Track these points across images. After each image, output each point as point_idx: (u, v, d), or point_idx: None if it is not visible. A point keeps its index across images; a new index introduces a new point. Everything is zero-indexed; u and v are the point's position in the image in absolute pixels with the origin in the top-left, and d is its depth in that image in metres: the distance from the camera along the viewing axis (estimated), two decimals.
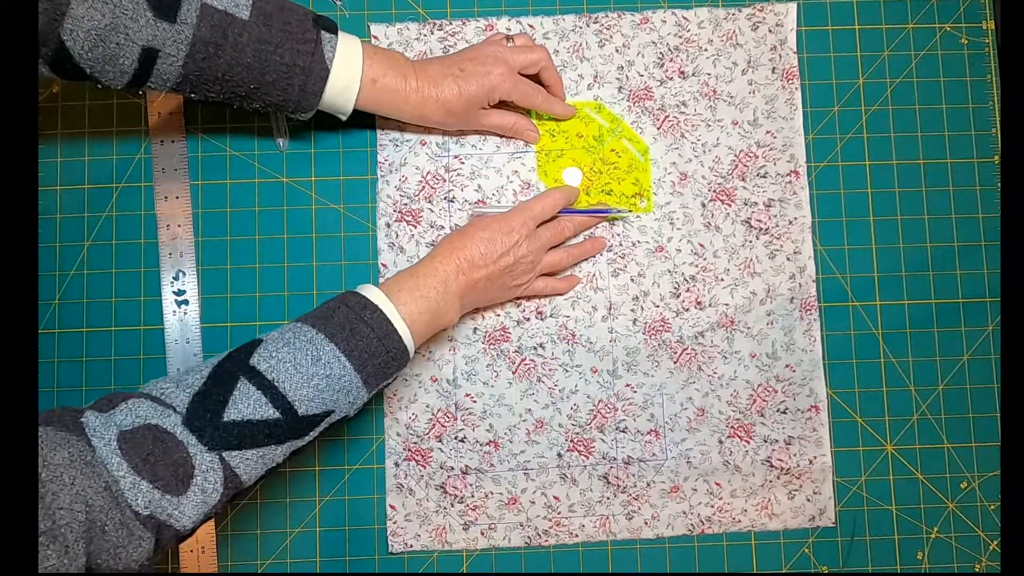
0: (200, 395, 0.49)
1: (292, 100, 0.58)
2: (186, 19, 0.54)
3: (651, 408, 0.66)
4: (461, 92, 0.62)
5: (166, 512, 0.46)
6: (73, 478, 0.42)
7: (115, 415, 0.47)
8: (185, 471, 0.47)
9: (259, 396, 0.50)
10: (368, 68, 0.60)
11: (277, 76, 0.57)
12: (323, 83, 0.58)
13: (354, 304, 0.54)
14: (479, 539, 0.65)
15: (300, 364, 0.51)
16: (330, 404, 0.52)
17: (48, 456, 0.42)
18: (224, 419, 0.48)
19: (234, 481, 0.49)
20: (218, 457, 0.48)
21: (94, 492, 0.43)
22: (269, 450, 0.50)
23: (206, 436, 0.48)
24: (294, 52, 0.56)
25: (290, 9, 0.57)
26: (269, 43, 0.56)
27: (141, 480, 0.45)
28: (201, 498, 0.47)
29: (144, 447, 0.46)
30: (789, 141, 0.68)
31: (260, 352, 0.51)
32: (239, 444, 0.49)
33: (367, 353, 0.53)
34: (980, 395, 0.68)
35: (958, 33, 0.71)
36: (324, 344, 0.52)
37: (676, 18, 0.69)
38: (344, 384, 0.52)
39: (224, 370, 0.50)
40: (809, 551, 0.66)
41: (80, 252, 0.67)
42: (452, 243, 0.60)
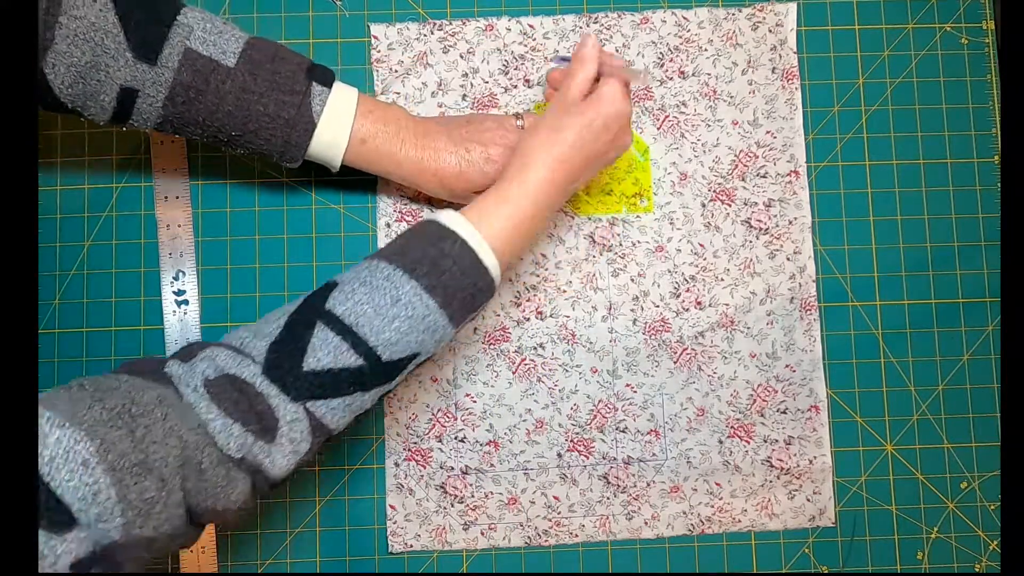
0: (277, 344, 0.47)
1: (276, 150, 0.57)
2: (167, 62, 0.53)
3: (651, 408, 0.66)
4: (461, 173, 0.59)
5: (259, 456, 0.46)
6: (165, 414, 0.42)
7: (196, 364, 0.46)
8: (271, 421, 0.46)
9: (339, 342, 0.48)
10: (359, 127, 0.58)
11: (260, 126, 0.55)
12: (308, 137, 0.56)
13: (432, 234, 0.51)
14: (479, 539, 0.65)
15: (380, 307, 0.48)
16: (415, 346, 0.50)
17: (136, 397, 0.42)
18: (304, 369, 0.47)
19: (322, 430, 0.48)
20: (303, 407, 0.47)
21: (187, 429, 0.42)
22: (356, 398, 0.49)
23: (288, 387, 0.47)
24: (279, 103, 0.55)
25: (283, 59, 0.56)
26: (253, 92, 0.55)
27: (233, 423, 0.44)
28: (290, 448, 0.47)
29: (230, 395, 0.45)
30: (789, 141, 0.68)
31: (335, 295, 0.49)
32: (323, 394, 0.47)
33: (451, 287, 0.50)
34: (980, 395, 0.68)
35: (958, 33, 0.71)
36: (404, 282, 0.49)
37: (676, 18, 0.69)
38: (428, 323, 0.49)
39: (300, 316, 0.49)
40: (809, 551, 0.66)
41: (80, 252, 0.67)
42: (550, 150, 0.53)
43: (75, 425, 0.38)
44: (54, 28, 0.51)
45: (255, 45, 0.55)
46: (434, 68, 0.68)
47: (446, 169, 0.59)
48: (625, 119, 0.55)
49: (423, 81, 0.68)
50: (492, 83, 0.68)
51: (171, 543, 0.43)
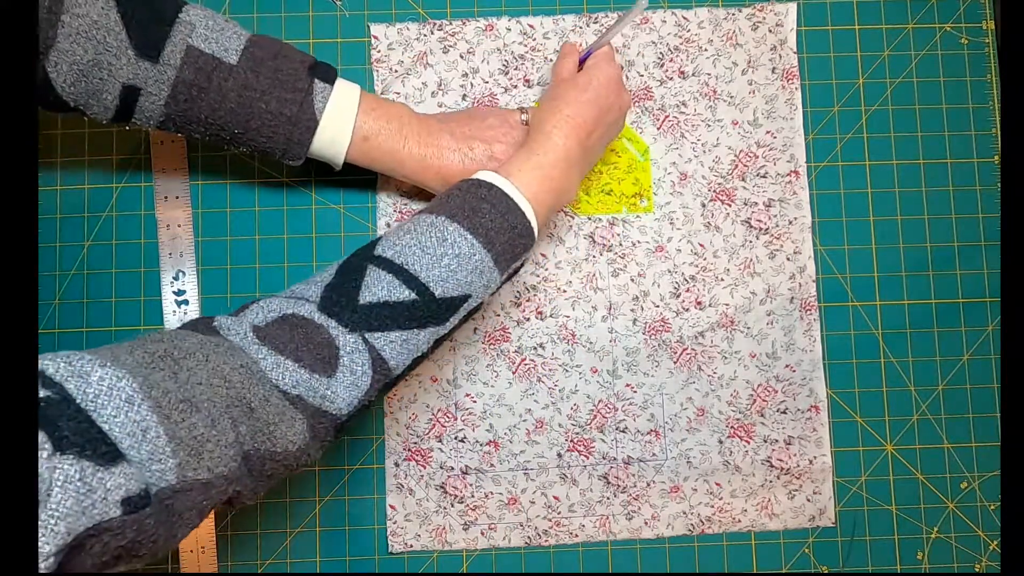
0: (331, 286, 0.49)
1: (279, 148, 0.57)
2: (169, 60, 0.53)
3: (651, 408, 0.66)
4: (465, 171, 0.59)
5: (318, 394, 0.45)
6: (207, 356, 0.42)
7: (246, 315, 0.47)
8: (330, 352, 0.46)
9: (391, 279, 0.49)
10: (362, 124, 0.58)
11: (262, 123, 0.56)
12: (310, 134, 0.57)
13: (465, 187, 0.53)
14: (479, 539, 0.65)
15: (426, 247, 0.50)
16: (465, 287, 0.51)
17: (179, 344, 0.42)
18: (360, 302, 0.48)
19: (382, 366, 0.48)
20: (361, 338, 0.47)
21: (230, 369, 0.42)
22: (412, 334, 0.49)
23: (344, 319, 0.47)
24: (280, 100, 0.55)
25: (286, 56, 0.56)
26: (255, 90, 0.55)
27: (284, 359, 0.45)
28: (351, 379, 0.47)
29: (283, 335, 0.46)
30: (789, 141, 0.68)
31: (382, 243, 0.51)
32: (380, 326, 0.48)
33: (492, 230, 0.51)
34: (980, 395, 0.68)
35: (958, 33, 0.71)
36: (447, 224, 0.51)
37: (676, 18, 0.69)
38: (476, 263, 0.51)
39: (350, 264, 0.50)
40: (809, 551, 0.66)
41: (80, 252, 0.67)
42: (559, 111, 0.57)
43: (117, 365, 0.37)
44: (56, 26, 0.51)
45: (257, 42, 0.55)
46: (434, 68, 0.68)
47: (449, 167, 0.59)
48: (615, 80, 0.59)
49: (423, 81, 0.68)
50: (492, 83, 0.68)
51: (229, 488, 0.42)
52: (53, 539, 0.31)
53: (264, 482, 0.45)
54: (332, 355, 0.46)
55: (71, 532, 0.32)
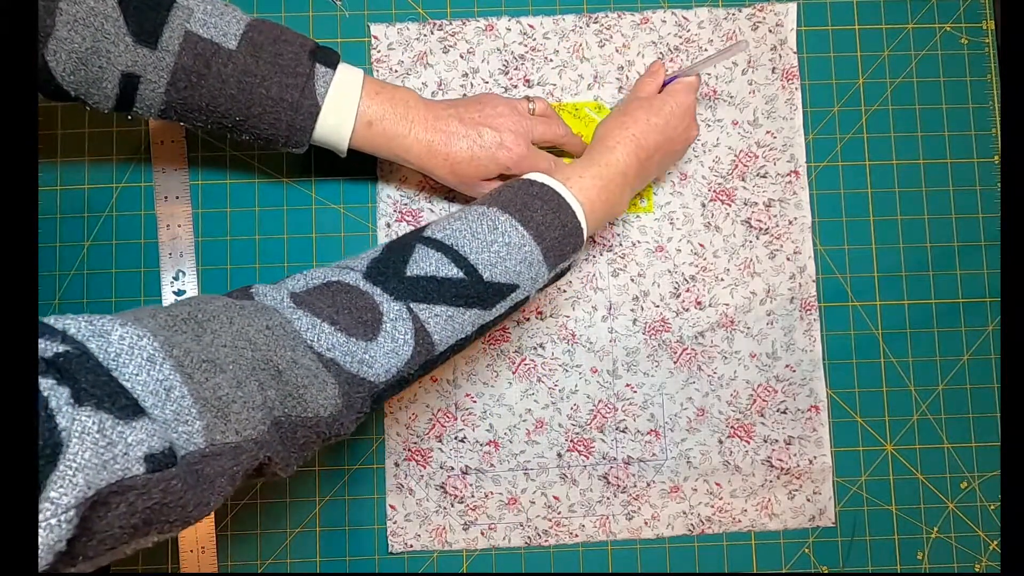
0: (378, 260, 0.48)
1: (281, 135, 0.56)
2: (168, 46, 0.52)
3: (651, 408, 0.66)
4: (473, 158, 0.59)
5: (356, 358, 0.44)
6: (231, 318, 0.41)
7: (286, 282, 0.47)
8: (373, 317, 0.45)
9: (440, 256, 0.49)
10: (366, 109, 0.57)
11: (263, 109, 0.55)
12: (312, 120, 0.56)
13: (518, 184, 0.54)
14: (479, 539, 0.65)
15: (477, 232, 0.50)
16: (513, 276, 0.50)
17: (203, 306, 0.41)
18: (408, 274, 0.48)
19: (425, 339, 0.47)
20: (406, 307, 0.47)
21: (255, 331, 0.41)
22: (457, 312, 0.48)
23: (391, 287, 0.47)
24: (281, 86, 0.54)
25: (286, 40, 0.55)
26: (255, 75, 0.54)
27: (321, 322, 0.44)
28: (391, 347, 0.46)
29: (323, 299, 0.45)
30: (789, 141, 0.68)
31: (432, 227, 0.51)
32: (426, 297, 0.47)
33: (543, 225, 0.51)
34: (980, 395, 0.68)
35: (958, 33, 0.71)
36: (498, 214, 0.51)
37: (676, 18, 0.69)
38: (525, 254, 0.51)
39: (397, 241, 0.50)
40: (809, 551, 0.66)
41: (80, 252, 0.67)
42: (627, 128, 0.58)
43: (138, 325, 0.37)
44: (54, 14, 0.50)
45: (257, 27, 0.55)
46: (434, 68, 0.68)
47: (457, 154, 0.59)
48: (689, 111, 0.61)
49: (423, 81, 0.68)
50: (492, 83, 0.68)
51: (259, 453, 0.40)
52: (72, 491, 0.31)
53: (296, 452, 0.44)
54: (375, 319, 0.45)
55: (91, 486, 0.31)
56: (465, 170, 0.59)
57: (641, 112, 0.59)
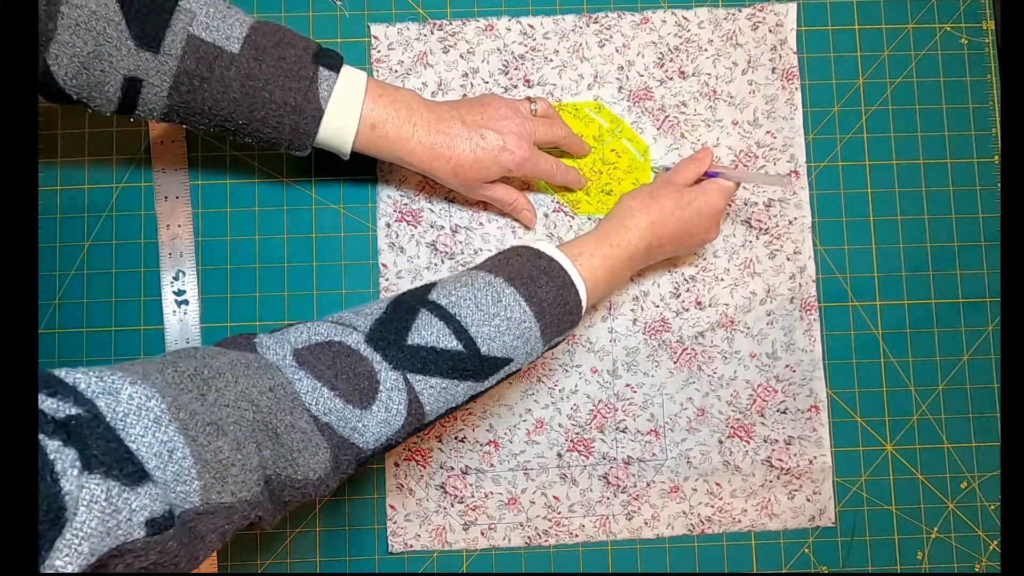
0: (381, 321, 0.48)
1: (284, 138, 0.56)
2: (170, 50, 0.52)
3: (651, 408, 0.66)
4: (476, 161, 0.59)
5: (349, 425, 0.45)
6: (236, 377, 0.42)
7: (288, 335, 0.46)
8: (369, 385, 0.46)
9: (442, 326, 0.49)
10: (369, 112, 0.57)
11: (266, 113, 0.55)
12: (316, 124, 0.56)
13: (528, 255, 0.54)
14: (479, 539, 0.65)
15: (481, 303, 0.50)
16: (510, 350, 0.51)
17: (210, 362, 0.42)
18: (408, 342, 0.48)
19: (418, 409, 0.48)
20: (403, 377, 0.47)
21: (259, 392, 0.42)
22: (451, 384, 0.49)
23: (390, 355, 0.47)
24: (285, 90, 0.54)
25: (289, 43, 0.55)
26: (258, 79, 0.54)
27: (320, 386, 0.44)
28: (384, 416, 0.46)
29: (323, 360, 0.45)
30: (789, 141, 0.68)
31: (437, 290, 0.51)
32: (423, 369, 0.48)
33: (546, 302, 0.52)
34: (980, 395, 0.68)
35: (958, 33, 0.71)
36: (504, 287, 0.51)
37: (676, 18, 0.69)
38: (524, 330, 0.51)
39: (403, 302, 0.50)
40: (809, 551, 0.66)
41: (80, 252, 0.67)
42: (649, 214, 0.58)
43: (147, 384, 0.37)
44: (56, 18, 0.50)
45: (260, 29, 0.54)
46: (434, 68, 0.68)
47: (460, 156, 0.59)
48: (716, 215, 0.61)
49: (423, 81, 0.68)
50: (492, 83, 0.68)
51: (251, 513, 0.41)
52: (76, 559, 0.31)
53: (281, 508, 0.45)
54: (371, 387, 0.46)
55: (94, 553, 0.32)
56: (467, 172, 0.59)
57: (668, 200, 0.59)
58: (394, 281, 0.67)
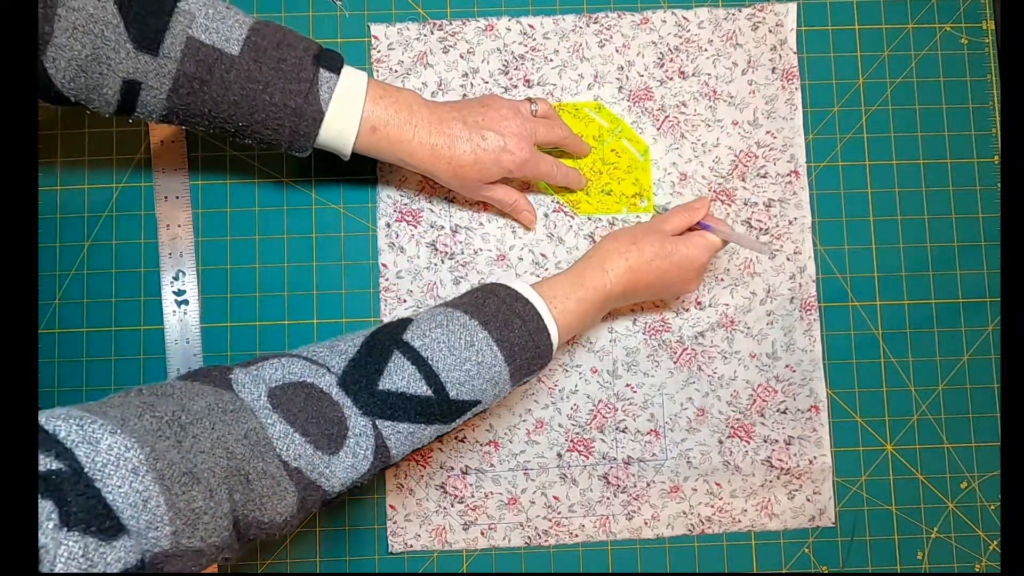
0: (355, 362, 0.49)
1: (284, 140, 0.56)
2: (169, 53, 0.52)
3: (651, 408, 0.66)
4: (477, 162, 0.59)
5: (316, 470, 0.45)
6: (213, 424, 0.42)
7: (263, 371, 0.47)
8: (339, 431, 0.46)
9: (413, 371, 0.49)
10: (370, 114, 0.56)
11: (267, 115, 0.54)
12: (316, 126, 0.55)
13: (505, 296, 0.54)
14: (479, 539, 0.65)
15: (454, 347, 0.50)
16: (479, 393, 0.51)
17: (188, 406, 0.42)
18: (379, 387, 0.48)
19: (384, 453, 0.48)
20: (371, 424, 0.48)
21: (234, 440, 0.42)
22: (419, 428, 0.50)
23: (361, 400, 0.47)
24: (285, 92, 0.54)
25: (289, 45, 0.54)
26: (258, 82, 0.53)
27: (293, 432, 0.45)
28: (351, 462, 0.47)
29: (296, 402, 0.46)
30: (789, 141, 0.68)
31: (413, 330, 0.51)
32: (392, 415, 0.48)
33: (517, 346, 0.52)
34: (980, 395, 0.68)
35: (958, 33, 0.71)
36: (478, 330, 0.51)
37: (676, 18, 0.69)
38: (494, 374, 0.52)
39: (377, 341, 0.50)
40: (809, 551, 0.66)
41: (80, 252, 0.67)
42: (628, 259, 0.58)
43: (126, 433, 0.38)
44: (52, 21, 0.50)
45: (260, 31, 0.54)
46: (434, 68, 0.68)
47: (461, 157, 0.59)
48: (698, 270, 0.60)
49: (423, 81, 0.68)
50: (492, 83, 0.68)
51: (218, 555, 0.42)
52: None
53: (244, 544, 0.45)
54: (340, 434, 0.46)
55: None
56: (468, 173, 0.59)
57: (650, 248, 0.59)
58: (394, 281, 0.67)
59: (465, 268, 0.67)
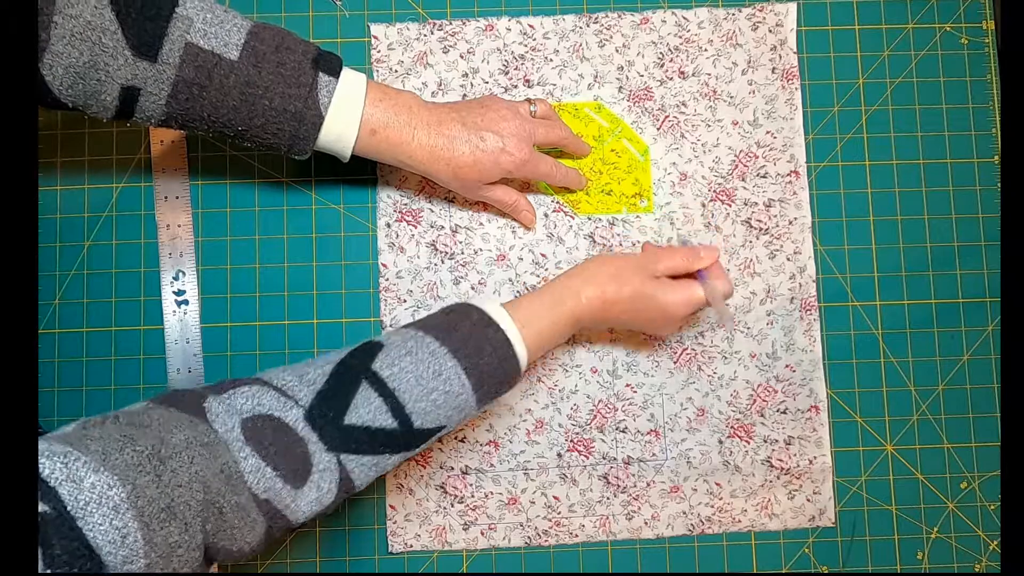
0: (322, 394, 0.49)
1: (284, 143, 0.56)
2: (168, 59, 0.51)
3: (651, 408, 0.66)
4: (476, 163, 0.59)
5: (283, 502, 0.46)
6: (192, 458, 0.42)
7: (235, 399, 0.47)
8: (304, 466, 0.47)
9: (380, 403, 0.49)
10: (369, 117, 0.56)
11: (266, 120, 0.54)
12: (316, 130, 0.55)
13: (478, 320, 0.53)
14: (479, 539, 0.65)
15: (421, 377, 0.50)
16: (444, 420, 0.52)
17: (166, 438, 0.42)
18: (345, 422, 0.48)
19: (348, 484, 0.49)
20: (336, 459, 0.48)
21: (211, 474, 0.43)
22: (383, 459, 0.50)
23: (327, 436, 0.48)
24: (285, 97, 0.54)
25: (288, 48, 0.54)
26: (258, 86, 0.53)
27: (265, 466, 0.45)
28: (316, 496, 0.47)
29: (267, 436, 0.46)
30: (789, 141, 0.68)
31: (382, 358, 0.51)
32: (357, 449, 0.48)
33: (486, 374, 0.52)
34: (980, 395, 0.68)
35: (958, 33, 0.71)
36: (447, 359, 0.51)
37: (676, 18, 0.69)
38: (460, 402, 0.52)
39: (346, 369, 0.50)
40: (809, 551, 0.66)
41: (80, 252, 0.67)
42: (605, 291, 0.57)
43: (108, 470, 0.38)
44: (49, 28, 0.49)
45: (258, 34, 0.54)
46: (434, 68, 0.68)
47: (460, 158, 0.59)
48: (674, 319, 0.59)
49: (423, 81, 0.68)
50: (492, 83, 0.68)
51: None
52: None
53: (208, 566, 0.46)
54: (305, 469, 0.47)
55: None
56: (468, 174, 0.59)
57: (630, 287, 0.58)
58: (394, 281, 0.67)
59: (465, 268, 0.67)
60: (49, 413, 0.65)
